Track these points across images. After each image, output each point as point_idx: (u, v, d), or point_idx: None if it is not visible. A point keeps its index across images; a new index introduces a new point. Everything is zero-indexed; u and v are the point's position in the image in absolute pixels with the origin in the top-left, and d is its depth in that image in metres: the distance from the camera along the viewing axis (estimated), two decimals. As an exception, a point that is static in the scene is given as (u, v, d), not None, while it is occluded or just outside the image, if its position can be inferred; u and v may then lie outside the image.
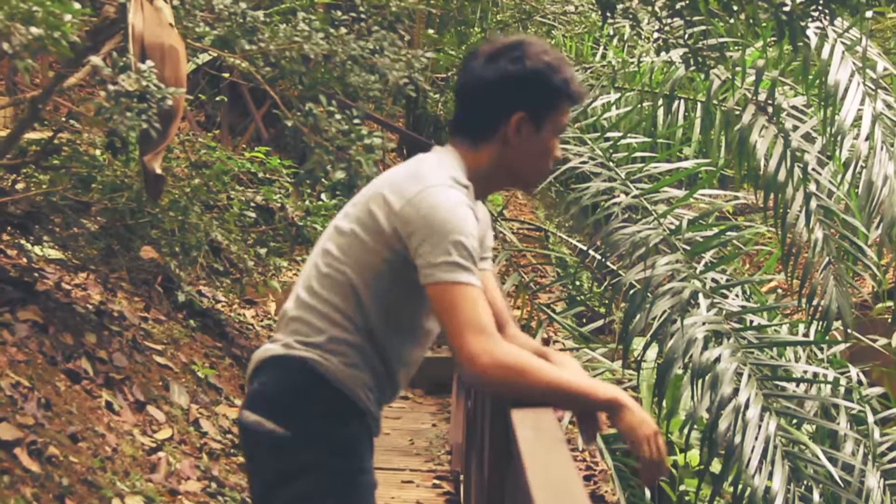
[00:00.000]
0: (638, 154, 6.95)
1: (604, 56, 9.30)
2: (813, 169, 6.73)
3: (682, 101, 7.96)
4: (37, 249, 5.63)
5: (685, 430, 5.46)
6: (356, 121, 5.01)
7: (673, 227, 6.01)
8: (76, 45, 3.82)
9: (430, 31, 10.44)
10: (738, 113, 7.24)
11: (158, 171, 4.35)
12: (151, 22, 4.24)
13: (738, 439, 4.98)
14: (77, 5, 3.46)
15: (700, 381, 5.20)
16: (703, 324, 5.38)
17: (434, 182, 2.34)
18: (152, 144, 4.24)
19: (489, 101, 2.44)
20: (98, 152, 5.51)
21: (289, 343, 2.44)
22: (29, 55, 3.31)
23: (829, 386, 6.00)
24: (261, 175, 6.78)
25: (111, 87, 3.80)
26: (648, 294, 5.59)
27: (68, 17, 3.34)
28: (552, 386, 2.23)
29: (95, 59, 3.93)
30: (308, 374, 2.41)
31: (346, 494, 2.45)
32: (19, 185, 5.37)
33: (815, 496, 5.05)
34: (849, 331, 6.52)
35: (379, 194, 2.38)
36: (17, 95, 6.33)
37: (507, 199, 11.70)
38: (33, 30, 3.24)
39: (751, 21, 5.26)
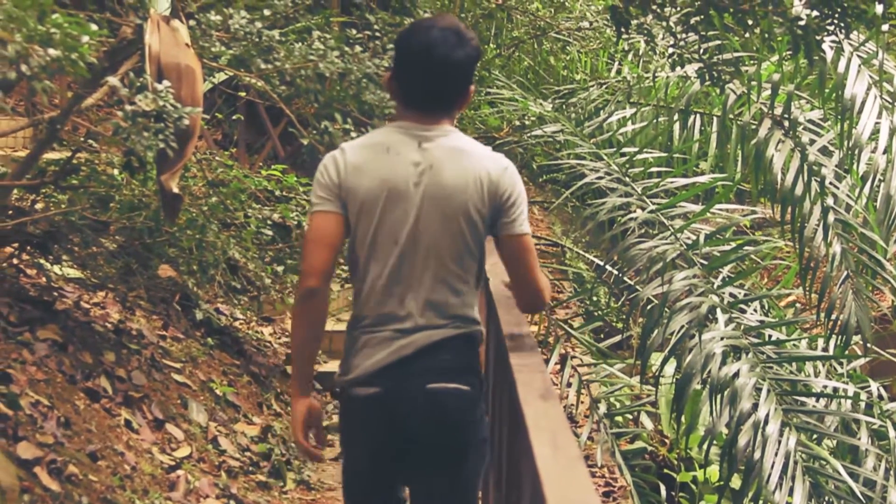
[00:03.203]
0: (654, 169, 6.94)
1: (619, 71, 9.31)
2: (830, 183, 6.71)
3: (698, 115, 7.95)
4: (56, 269, 5.66)
5: (704, 446, 5.43)
6: (372, 138, 5.01)
7: (690, 241, 5.99)
8: (94, 65, 3.86)
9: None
10: (754, 127, 7.23)
11: (176, 189, 4.37)
12: (168, 42, 4.27)
13: (757, 455, 4.95)
14: (94, 27, 3.48)
15: (719, 397, 5.18)
16: (722, 339, 5.36)
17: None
18: (169, 164, 4.26)
19: (466, 79, 2.98)
20: (116, 172, 5.54)
21: (456, 324, 2.96)
22: (47, 76, 3.33)
23: (849, 401, 5.97)
24: (277, 193, 6.81)
25: (128, 107, 3.83)
26: (666, 309, 5.58)
27: (86, 38, 3.37)
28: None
29: (113, 80, 3.96)
30: (474, 343, 3.04)
31: None
32: (38, 205, 5.40)
33: (837, 512, 5.02)
34: (868, 345, 6.48)
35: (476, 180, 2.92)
36: (36, 116, 6.37)
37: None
38: (51, 51, 3.26)
39: (766, 35, 5.25)
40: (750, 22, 4.96)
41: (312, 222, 2.94)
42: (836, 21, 4.75)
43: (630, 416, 7.56)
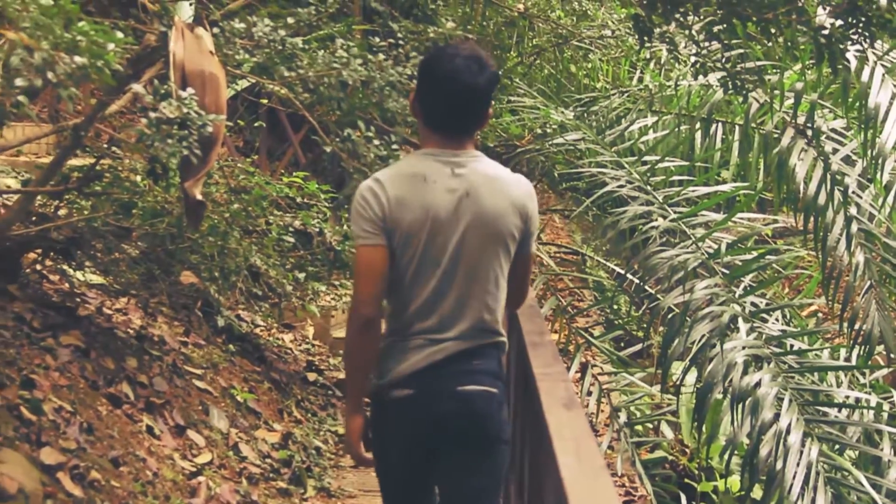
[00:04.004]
0: (675, 178, 6.93)
1: (641, 80, 9.29)
2: (853, 192, 6.68)
3: (720, 124, 7.93)
4: (79, 275, 5.68)
5: (725, 456, 5.41)
6: (394, 146, 5.03)
7: (711, 250, 5.97)
8: (118, 73, 3.87)
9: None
10: (776, 136, 7.20)
11: (199, 196, 4.38)
12: (192, 50, 4.28)
13: (779, 465, 4.93)
14: (120, 34, 3.50)
15: (740, 406, 5.16)
16: (743, 348, 5.34)
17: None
18: (193, 171, 4.26)
19: (487, 103, 3.16)
20: (139, 178, 5.57)
21: (485, 336, 3.16)
22: (73, 84, 3.35)
23: (871, 411, 5.93)
24: (299, 200, 6.82)
25: (152, 115, 3.84)
26: (687, 318, 5.56)
27: (111, 46, 3.38)
28: None
29: (137, 87, 3.97)
30: (500, 352, 3.25)
31: None
32: (62, 211, 5.43)
33: (859, 523, 4.99)
34: (891, 355, 6.44)
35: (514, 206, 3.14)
36: (60, 123, 6.41)
37: (545, 224, 11.67)
38: (77, 59, 3.27)
39: (789, 44, 5.24)
40: (773, 31, 4.94)
41: (361, 256, 3.10)
42: (860, 30, 4.73)
43: (650, 426, 7.53)
